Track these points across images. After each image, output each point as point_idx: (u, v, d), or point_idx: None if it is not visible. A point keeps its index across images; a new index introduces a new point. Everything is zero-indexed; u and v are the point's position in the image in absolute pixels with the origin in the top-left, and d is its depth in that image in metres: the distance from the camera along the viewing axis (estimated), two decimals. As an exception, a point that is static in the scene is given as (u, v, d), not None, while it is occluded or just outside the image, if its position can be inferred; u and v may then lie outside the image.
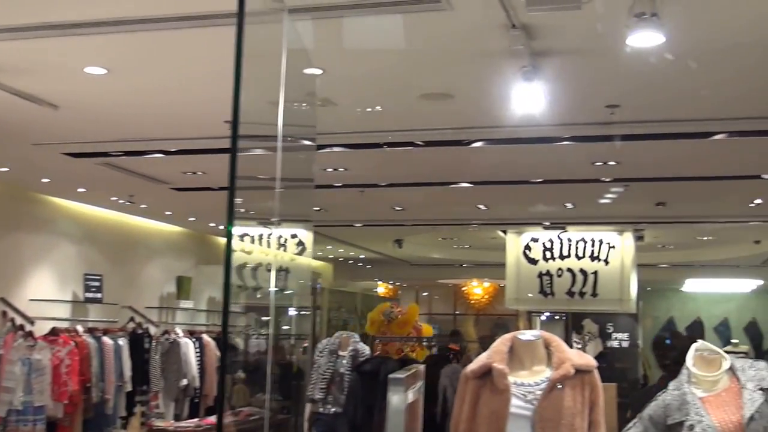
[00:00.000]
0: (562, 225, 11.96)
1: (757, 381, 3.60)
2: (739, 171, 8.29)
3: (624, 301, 12.11)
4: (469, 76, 5.15)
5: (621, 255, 12.06)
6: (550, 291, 12.21)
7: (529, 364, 3.47)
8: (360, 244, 15.44)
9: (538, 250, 12.24)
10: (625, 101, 5.76)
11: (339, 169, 8.33)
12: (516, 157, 7.64)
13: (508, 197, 10.06)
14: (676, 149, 7.25)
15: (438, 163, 8.00)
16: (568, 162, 7.70)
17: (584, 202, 10.31)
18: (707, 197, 9.97)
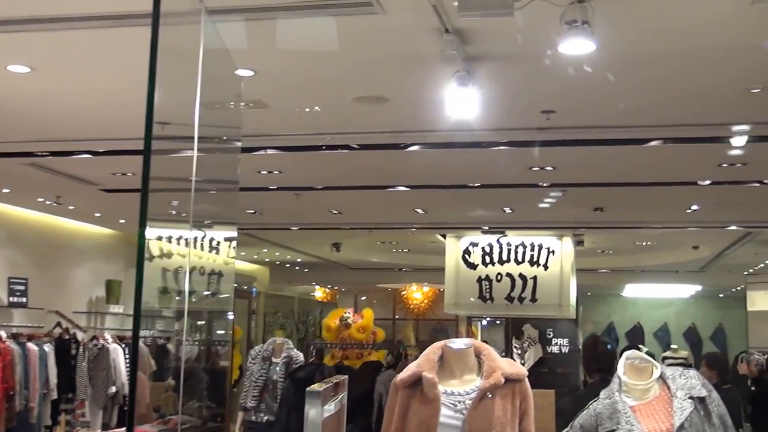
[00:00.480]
0: (501, 229, 12.10)
1: (687, 389, 3.68)
2: (676, 177, 8.50)
3: (564, 306, 12.27)
4: (404, 79, 5.19)
5: (560, 260, 12.23)
6: (490, 296, 12.31)
7: (459, 373, 3.50)
8: (297, 247, 15.40)
9: (478, 255, 12.34)
10: (561, 107, 5.86)
11: (274, 172, 8.30)
12: (453, 161, 7.72)
13: (446, 201, 10.15)
14: (612, 155, 7.40)
15: (374, 166, 8.04)
16: (505, 166, 7.80)
17: (523, 206, 10.45)
18: (645, 203, 10.19)
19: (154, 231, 3.17)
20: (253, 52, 4.73)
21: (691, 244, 14.44)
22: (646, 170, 8.18)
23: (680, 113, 6.12)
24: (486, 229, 12.15)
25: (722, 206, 10.10)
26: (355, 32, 4.44)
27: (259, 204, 10.45)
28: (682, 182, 8.68)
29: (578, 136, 6.69)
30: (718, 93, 5.56)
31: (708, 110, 6.01)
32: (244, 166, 7.78)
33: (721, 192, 9.12)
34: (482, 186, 8.96)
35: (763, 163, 7.65)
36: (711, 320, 23.61)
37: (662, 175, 8.43)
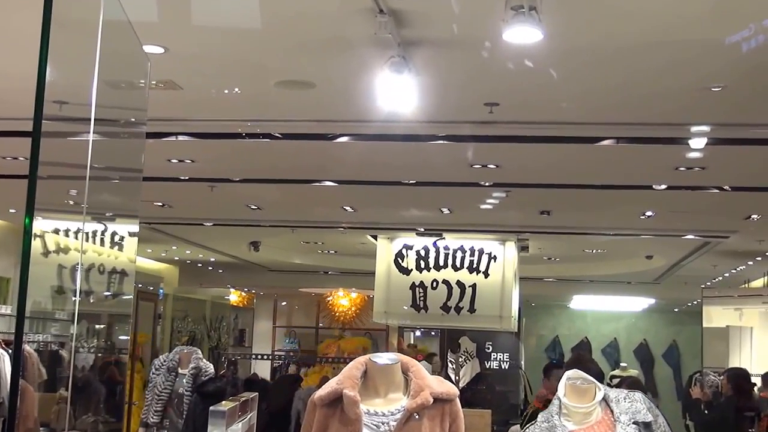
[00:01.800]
0: (439, 231, 12.19)
1: (632, 414, 3.77)
2: (629, 180, 8.68)
3: (505, 317, 12.40)
4: (332, 63, 5.20)
5: (502, 267, 12.35)
6: (424, 305, 12.38)
7: (384, 391, 3.52)
8: (210, 245, 15.28)
9: (412, 259, 12.40)
10: (505, 99, 5.94)
11: (186, 161, 8.24)
12: (386, 155, 7.76)
13: (377, 199, 10.19)
14: (561, 154, 7.52)
15: (299, 158, 8.03)
16: (443, 163, 7.86)
17: (462, 207, 10.54)
18: (595, 207, 10.37)
19: (49, 223, 3.12)
20: (163, 27, 4.68)
21: (644, 253, 14.73)
22: (597, 172, 8.32)
23: (634, 111, 6.25)
24: (421, 230, 12.23)
25: (679, 213, 10.33)
26: (279, 9, 4.43)
27: (169, 196, 10.35)
28: (635, 186, 8.86)
29: (524, 132, 6.78)
30: (675, 90, 5.69)
31: (665, 109, 6.15)
32: (154, 153, 7.70)
33: (678, 198, 9.33)
34: (418, 183, 9.01)
35: (723, 167, 7.87)
36: (664, 336, 24.15)
37: (614, 178, 8.59)
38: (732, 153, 7.27)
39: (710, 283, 17.32)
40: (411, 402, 3.43)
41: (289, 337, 21.34)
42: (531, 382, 17.63)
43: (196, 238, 14.52)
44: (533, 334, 23.64)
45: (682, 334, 23.51)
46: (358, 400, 3.41)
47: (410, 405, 3.41)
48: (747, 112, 6.14)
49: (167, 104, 6.22)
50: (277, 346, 21.33)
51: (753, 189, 8.76)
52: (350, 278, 18.60)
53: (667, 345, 24.11)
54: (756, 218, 10.17)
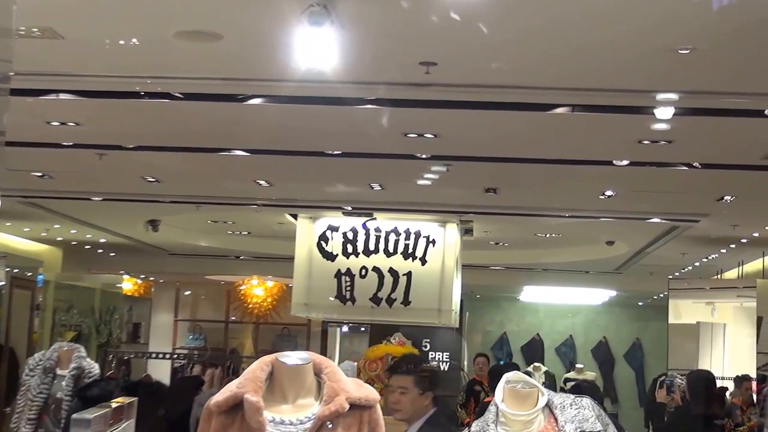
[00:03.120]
0: (369, 211, 12.21)
1: (578, 422, 3.81)
2: (587, 155, 8.78)
3: (445, 311, 12.50)
4: (241, 12, 5.16)
5: (442, 252, 12.44)
6: (351, 296, 12.42)
7: (293, 395, 3.52)
8: (100, 223, 15.09)
9: (337, 242, 12.41)
10: (444, 58, 5.95)
11: (69, 124, 8.12)
12: (306, 120, 7.74)
13: (297, 172, 10.18)
14: (508, 123, 7.57)
15: (204, 122, 7.98)
16: (373, 131, 7.87)
17: (396, 183, 10.57)
18: (549, 185, 10.47)
19: None
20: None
21: (604, 238, 14.92)
22: (549, 144, 8.40)
23: (593, 75, 6.30)
24: (349, 209, 12.23)
25: (643, 193, 10.48)
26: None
27: (50, 165, 10.20)
28: (594, 161, 8.96)
29: (466, 97, 6.81)
30: (638, 51, 5.75)
31: (626, 73, 6.22)
32: (30, 114, 7.59)
33: (642, 175, 9.45)
34: (344, 154, 9.02)
35: (693, 141, 8.00)
36: (626, 334, 24.54)
37: (570, 152, 8.68)
38: (702, 125, 7.39)
39: (678, 273, 17.63)
40: (323, 408, 3.43)
41: (193, 332, 21.22)
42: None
43: (83, 216, 14.33)
44: (478, 331, 23.85)
45: (647, 332, 23.90)
46: (261, 407, 3.40)
47: (322, 412, 3.42)
48: (719, 78, 6.24)
49: (46, 56, 6.12)
50: (178, 343, 21.19)
51: (726, 166, 8.91)
52: (266, 264, 18.56)
53: (629, 344, 24.49)
54: (729, 200, 10.36)
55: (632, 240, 14.67)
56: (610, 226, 13.21)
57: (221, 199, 12.34)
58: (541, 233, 14.82)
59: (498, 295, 24.12)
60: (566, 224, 13.33)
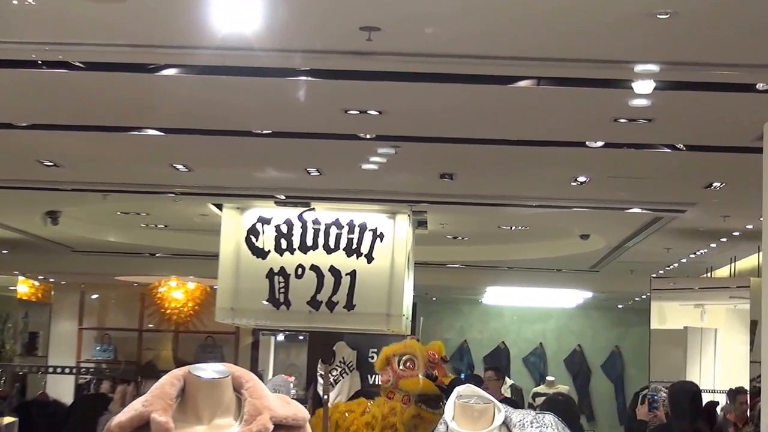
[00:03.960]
0: (306, 200, 12.19)
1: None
2: (556, 135, 8.85)
3: (394, 316, 12.52)
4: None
5: (392, 248, 12.44)
6: (286, 299, 12.40)
7: (208, 414, 3.50)
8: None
9: (269, 237, 12.37)
10: (389, 23, 5.94)
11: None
12: (229, 94, 7.74)
13: (221, 155, 10.17)
14: (465, 98, 7.60)
15: (111, 96, 7.94)
16: (309, 107, 7.88)
17: (337, 167, 10.58)
18: (513, 170, 10.52)
19: None
20: None
21: (578, 231, 15.01)
22: (513, 123, 8.44)
23: (560, 43, 6.34)
24: (282, 198, 12.20)
25: (620, 179, 10.56)
26: None
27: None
28: (564, 142, 9.03)
29: (415, 68, 6.82)
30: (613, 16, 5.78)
31: (600, 41, 6.26)
32: None
33: (619, 158, 9.53)
34: (275, 134, 9.01)
35: (676, 119, 8.07)
36: (604, 341, 24.75)
37: (536, 132, 8.74)
38: (687, 101, 7.46)
39: (662, 271, 17.78)
40: (244, 429, 3.42)
41: (101, 343, 21.05)
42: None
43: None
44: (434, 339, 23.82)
45: (627, 338, 24.10)
46: (171, 428, 3.38)
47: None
48: (705, 47, 6.29)
49: None
50: (83, 356, 21.00)
51: (714, 148, 9.00)
52: (186, 263, 18.47)
53: (607, 352, 24.70)
54: (719, 187, 10.47)
55: (609, 233, 14.76)
56: (585, 217, 13.29)
57: (132, 186, 12.26)
58: (505, 226, 14.87)
59: (457, 297, 24.21)
60: (534, 215, 13.39)
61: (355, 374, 15.18)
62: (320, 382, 15.13)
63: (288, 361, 21.37)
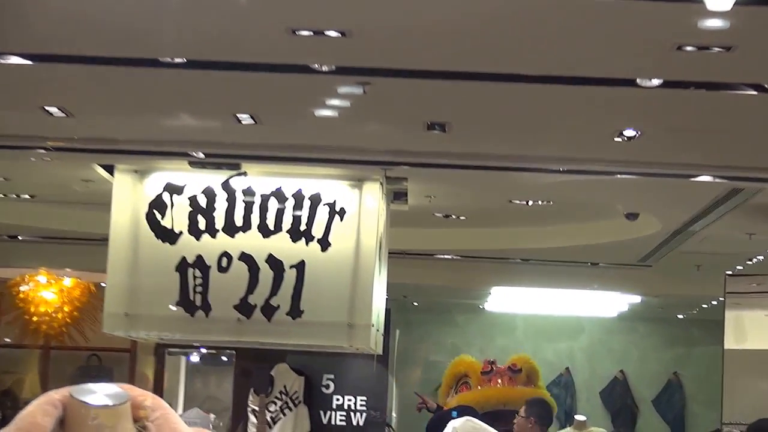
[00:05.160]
0: (234, 161, 12.18)
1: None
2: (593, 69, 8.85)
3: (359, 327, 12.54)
4: None
5: (356, 230, 12.46)
6: (204, 301, 12.41)
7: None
8: None
9: (182, 213, 12.38)
10: None
11: None
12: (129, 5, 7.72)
13: (113, 94, 10.18)
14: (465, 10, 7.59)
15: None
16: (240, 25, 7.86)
17: (280, 113, 10.60)
18: (531, 120, 10.54)
19: None
20: None
21: (623, 209, 15.06)
22: (532, 49, 8.45)
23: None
24: (200, 158, 12.18)
25: (684, 134, 10.60)
26: None
27: None
28: (605, 79, 9.05)
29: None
30: None
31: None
32: None
33: (683, 103, 9.55)
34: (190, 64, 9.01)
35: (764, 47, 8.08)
36: (657, 366, 24.91)
37: (565, 64, 8.74)
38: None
39: (742, 267, 17.81)
40: (148, 477, 3.45)
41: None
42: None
43: None
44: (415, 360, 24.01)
45: (691, 363, 24.28)
46: (43, 477, 3.41)
47: (145, 482, 3.43)
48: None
49: None
50: None
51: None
52: (61, 250, 18.45)
53: (662, 382, 24.85)
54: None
55: (667, 212, 14.85)
56: (632, 188, 13.37)
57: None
58: (519, 200, 14.92)
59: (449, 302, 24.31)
60: (560, 185, 13.44)
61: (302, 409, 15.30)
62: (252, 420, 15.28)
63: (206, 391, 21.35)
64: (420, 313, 24.07)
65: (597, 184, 13.25)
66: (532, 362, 17.22)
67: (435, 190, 14.20)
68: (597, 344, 24.87)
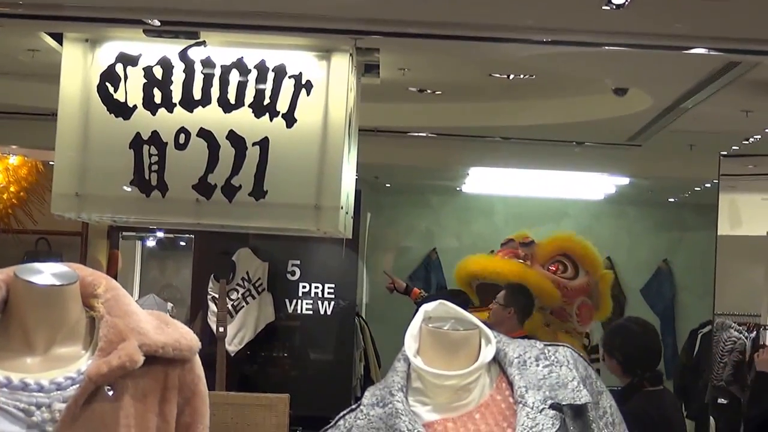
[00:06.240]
0: (192, 28, 12.12)
1: (549, 389, 3.88)
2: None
3: (327, 209, 12.51)
4: None
5: (324, 105, 12.42)
6: (160, 181, 12.37)
7: (45, 338, 3.55)
8: None
9: (136, 86, 12.31)
10: None
11: None
12: None
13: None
14: None
15: None
16: None
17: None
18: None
19: None
20: None
21: (611, 82, 15.07)
22: None
23: None
24: (156, 25, 12.11)
25: (676, 1, 10.56)
26: None
27: None
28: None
29: None
30: None
31: None
32: None
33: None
34: None
35: None
36: (646, 253, 25.01)
37: None
38: None
39: (738, 147, 17.83)
40: (99, 363, 3.45)
41: None
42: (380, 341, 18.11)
43: None
44: (387, 245, 24.06)
45: (682, 249, 24.37)
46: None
47: (96, 368, 3.44)
48: None
49: None
50: None
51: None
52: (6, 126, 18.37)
53: (651, 270, 24.96)
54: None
55: (658, 86, 14.83)
56: (621, 59, 13.33)
57: None
58: (499, 73, 14.91)
59: (423, 183, 24.32)
60: (543, 57, 13.42)
61: (266, 297, 15.36)
62: (212, 309, 15.33)
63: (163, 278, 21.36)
64: (392, 195, 24.08)
65: (583, 56, 13.22)
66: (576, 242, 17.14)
67: (409, 62, 14.17)
68: (582, 230, 24.74)
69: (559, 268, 16.11)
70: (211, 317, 15.16)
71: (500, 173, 22.02)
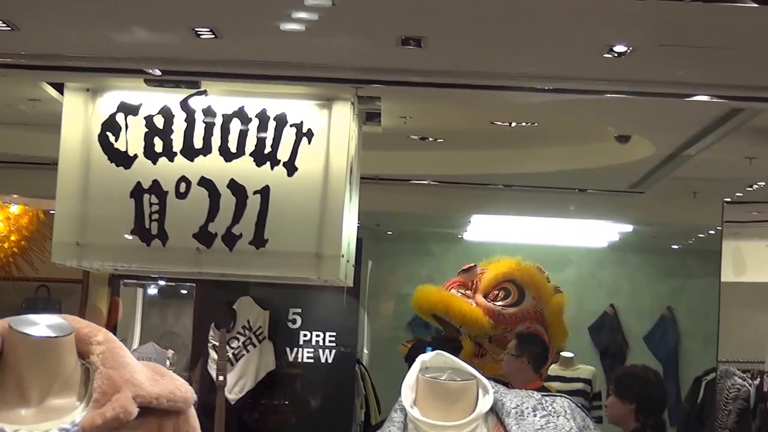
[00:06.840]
0: (193, 78, 12.15)
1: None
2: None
3: (329, 258, 12.53)
4: None
5: (325, 154, 12.44)
6: (160, 230, 12.40)
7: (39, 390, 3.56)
8: None
9: (137, 135, 12.34)
10: None
11: None
12: None
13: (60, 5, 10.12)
14: None
15: None
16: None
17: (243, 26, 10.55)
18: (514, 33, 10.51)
19: None
20: None
21: (614, 130, 15.08)
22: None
23: None
24: (157, 74, 12.15)
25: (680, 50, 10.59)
26: None
27: None
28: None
29: None
30: None
31: None
32: None
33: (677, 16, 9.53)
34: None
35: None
36: (649, 300, 24.95)
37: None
38: None
39: (742, 194, 17.83)
40: (93, 414, 3.45)
41: None
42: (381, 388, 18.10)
43: None
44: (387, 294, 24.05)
45: (686, 296, 24.34)
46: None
47: (91, 420, 3.44)
48: None
49: None
50: None
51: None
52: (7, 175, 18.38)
53: (654, 317, 24.92)
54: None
55: (661, 134, 14.85)
56: (623, 108, 13.34)
57: None
58: (501, 120, 14.92)
59: (425, 231, 24.33)
60: (545, 105, 13.44)
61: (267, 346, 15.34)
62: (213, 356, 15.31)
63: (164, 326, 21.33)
64: (394, 243, 24.10)
65: (585, 104, 13.25)
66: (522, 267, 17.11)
67: (410, 111, 14.19)
68: (585, 277, 24.90)
69: (499, 295, 16.09)
70: (211, 365, 15.14)
71: (502, 221, 22.04)
